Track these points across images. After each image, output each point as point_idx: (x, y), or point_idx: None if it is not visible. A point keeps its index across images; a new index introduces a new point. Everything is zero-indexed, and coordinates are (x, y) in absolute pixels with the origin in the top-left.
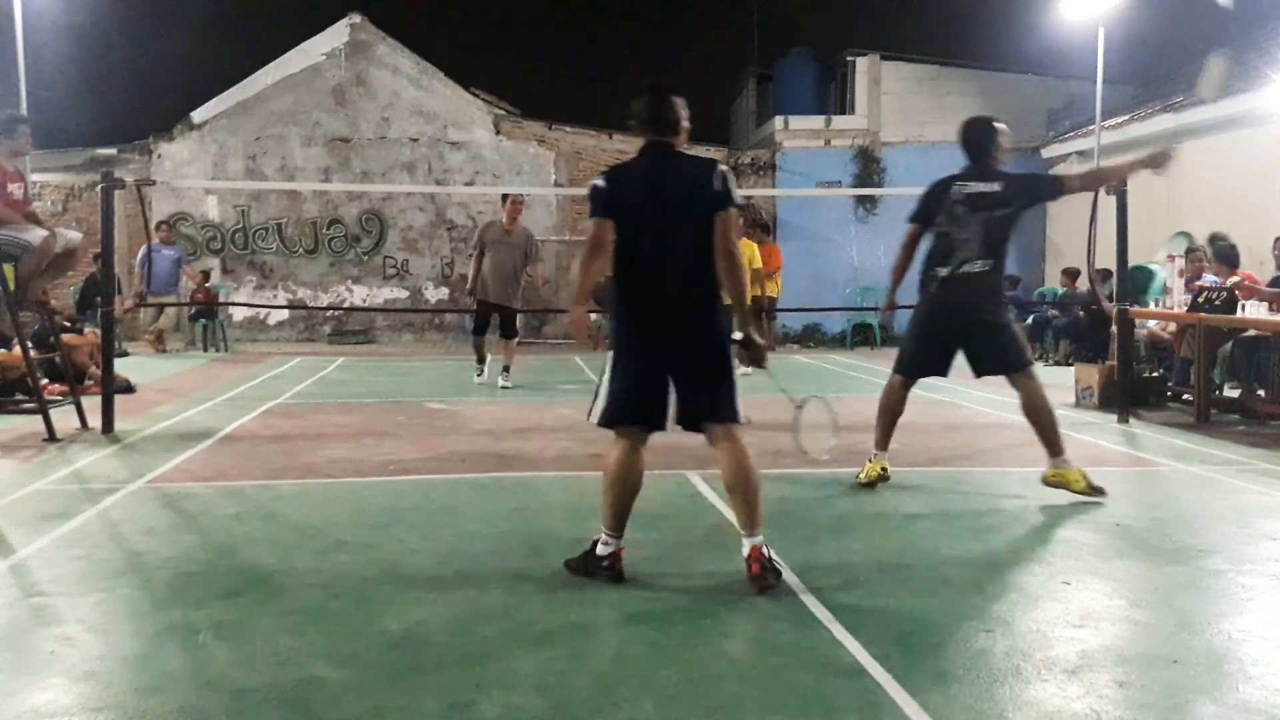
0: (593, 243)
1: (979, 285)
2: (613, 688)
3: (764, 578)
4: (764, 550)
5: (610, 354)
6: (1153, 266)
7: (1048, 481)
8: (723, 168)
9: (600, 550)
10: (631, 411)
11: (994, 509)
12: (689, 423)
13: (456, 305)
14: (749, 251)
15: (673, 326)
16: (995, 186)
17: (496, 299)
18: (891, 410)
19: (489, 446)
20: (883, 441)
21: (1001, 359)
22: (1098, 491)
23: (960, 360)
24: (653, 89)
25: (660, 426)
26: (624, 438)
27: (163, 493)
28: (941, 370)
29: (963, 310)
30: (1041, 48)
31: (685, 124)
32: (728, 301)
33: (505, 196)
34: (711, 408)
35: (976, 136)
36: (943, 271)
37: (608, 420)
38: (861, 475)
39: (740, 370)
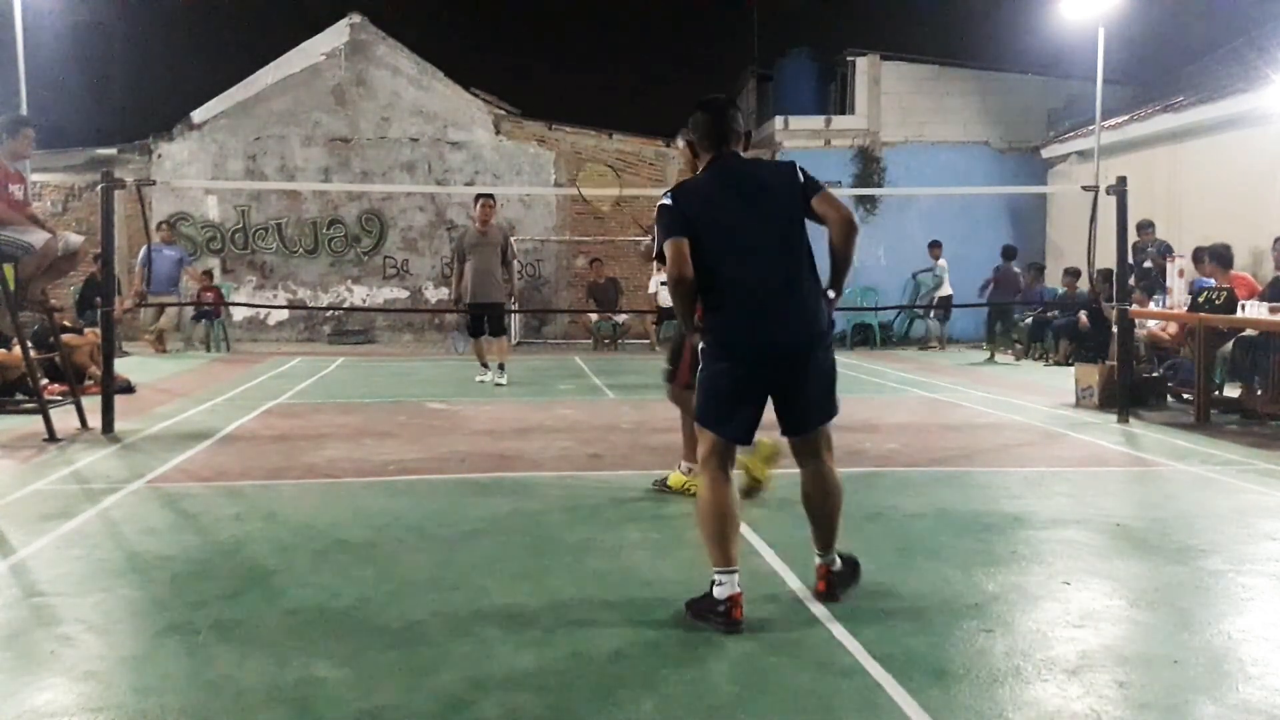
0: (674, 272)
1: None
2: (613, 688)
3: (834, 593)
4: (834, 565)
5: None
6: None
7: (665, 488)
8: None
9: (717, 592)
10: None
11: (994, 509)
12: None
13: (456, 305)
14: None
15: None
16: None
17: (483, 299)
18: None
19: (489, 446)
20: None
21: None
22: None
23: None
24: (708, 104)
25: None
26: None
27: (163, 493)
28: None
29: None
30: (1041, 48)
31: (746, 133)
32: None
33: (477, 198)
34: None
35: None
36: None
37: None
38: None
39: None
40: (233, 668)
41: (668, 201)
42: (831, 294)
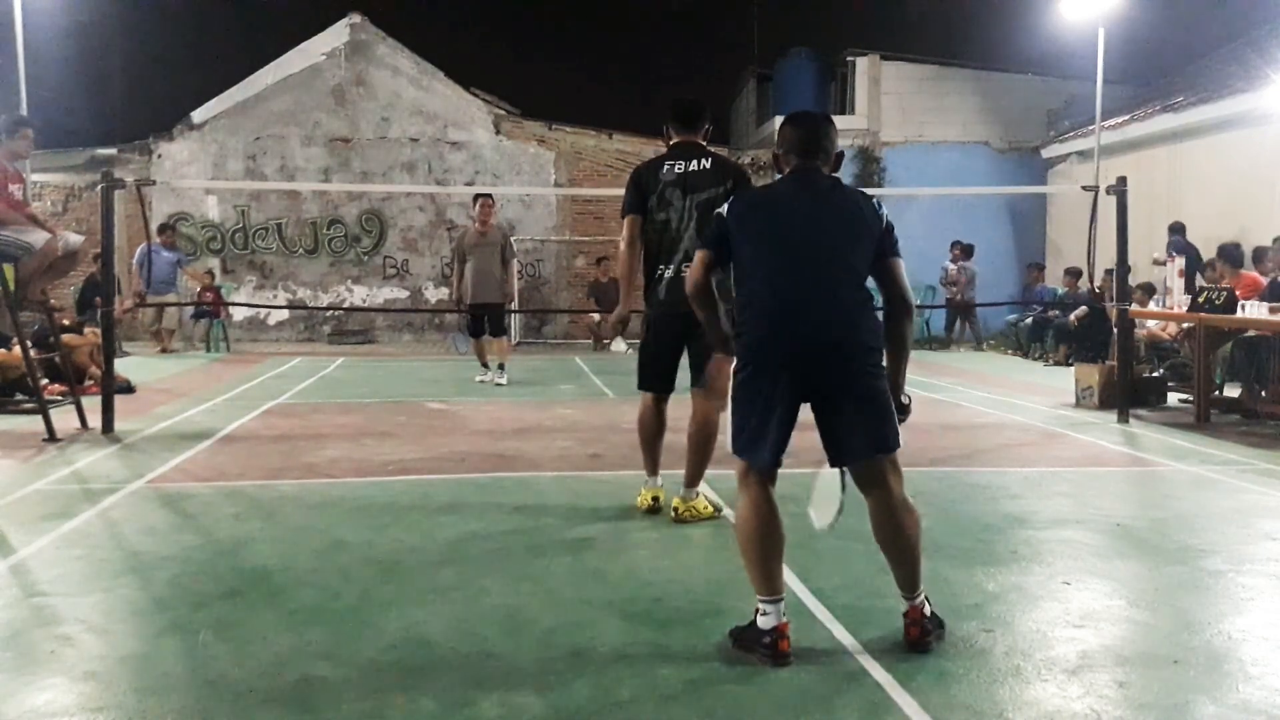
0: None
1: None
2: (613, 688)
3: (926, 641)
4: (925, 610)
5: None
6: None
7: (680, 517)
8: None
9: (761, 622)
10: None
11: (994, 509)
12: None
13: (457, 306)
14: None
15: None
16: (706, 164)
17: (484, 299)
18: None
19: (489, 446)
20: (654, 466)
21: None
22: (719, 509)
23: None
24: (796, 117)
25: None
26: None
27: (163, 493)
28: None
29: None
30: (1041, 48)
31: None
32: None
33: (477, 198)
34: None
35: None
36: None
37: None
38: (639, 501)
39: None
40: (233, 668)
41: (722, 211)
42: (903, 398)
